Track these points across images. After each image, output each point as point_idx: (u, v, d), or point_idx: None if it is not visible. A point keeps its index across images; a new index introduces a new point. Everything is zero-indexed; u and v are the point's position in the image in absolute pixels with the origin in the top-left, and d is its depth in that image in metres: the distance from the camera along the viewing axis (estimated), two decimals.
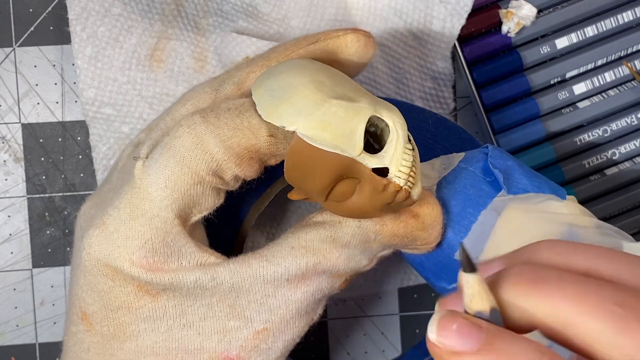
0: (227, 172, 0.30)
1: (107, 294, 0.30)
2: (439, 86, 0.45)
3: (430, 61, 0.45)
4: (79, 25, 0.43)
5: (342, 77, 0.30)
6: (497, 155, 0.34)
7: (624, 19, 0.45)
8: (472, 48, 0.45)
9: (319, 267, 0.30)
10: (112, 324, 0.30)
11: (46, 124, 0.45)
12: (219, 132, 0.29)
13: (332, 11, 0.44)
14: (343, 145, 0.28)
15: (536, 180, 0.34)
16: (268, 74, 0.30)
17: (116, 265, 0.29)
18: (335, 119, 0.28)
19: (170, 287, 0.29)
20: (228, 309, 0.30)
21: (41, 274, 0.45)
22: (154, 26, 0.43)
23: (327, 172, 0.28)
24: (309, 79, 0.29)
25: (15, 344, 0.46)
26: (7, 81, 0.45)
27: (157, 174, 0.29)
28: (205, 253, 0.30)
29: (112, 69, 0.43)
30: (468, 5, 0.44)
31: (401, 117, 0.29)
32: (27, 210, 0.45)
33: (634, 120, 0.45)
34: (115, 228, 0.29)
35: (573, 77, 0.46)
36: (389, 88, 0.45)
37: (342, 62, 0.32)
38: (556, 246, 0.22)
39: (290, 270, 0.30)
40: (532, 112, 0.45)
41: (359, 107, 0.28)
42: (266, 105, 0.29)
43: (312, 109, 0.28)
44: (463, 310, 0.21)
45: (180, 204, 0.29)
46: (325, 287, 0.31)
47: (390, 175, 0.28)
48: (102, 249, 0.29)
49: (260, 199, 0.36)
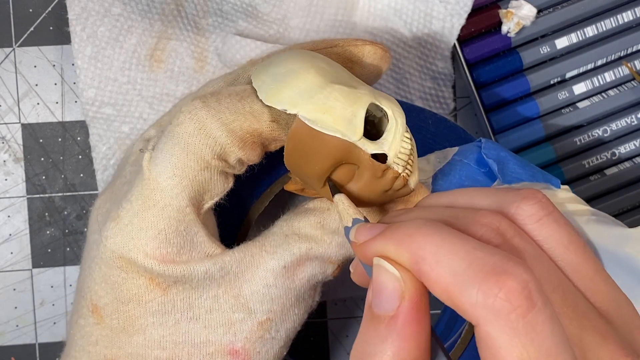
0: (231, 156, 0.30)
1: (119, 286, 0.30)
2: (439, 86, 0.45)
3: (430, 61, 0.45)
4: (79, 25, 0.43)
5: (342, 68, 0.31)
6: (490, 147, 0.35)
7: (623, 19, 0.45)
8: (472, 48, 0.45)
9: (311, 252, 0.31)
10: (122, 317, 0.30)
11: (46, 124, 0.45)
12: (220, 116, 0.29)
13: (331, 11, 0.44)
14: (344, 128, 0.28)
15: (530, 169, 0.35)
16: (269, 61, 0.30)
17: (130, 256, 0.30)
18: (336, 103, 0.28)
19: (181, 280, 0.30)
20: (233, 301, 0.30)
21: (41, 274, 0.45)
22: (154, 26, 0.43)
23: (327, 155, 0.28)
24: (310, 64, 0.29)
25: (15, 344, 0.45)
26: (7, 81, 0.45)
27: (164, 162, 0.29)
28: (213, 244, 0.31)
29: (112, 69, 0.43)
30: (468, 5, 0.44)
31: (399, 107, 0.29)
32: (27, 211, 0.45)
33: (634, 120, 0.45)
34: (129, 220, 0.30)
35: (573, 77, 0.46)
36: (388, 88, 0.45)
37: (354, 72, 0.33)
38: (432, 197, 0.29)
39: (285, 257, 0.31)
40: (532, 112, 0.45)
41: (359, 93, 0.29)
42: (267, 89, 0.29)
43: (313, 92, 0.28)
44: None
45: (190, 190, 0.30)
46: (319, 272, 0.31)
47: (389, 161, 0.29)
48: (117, 241, 0.30)
49: (260, 199, 0.36)
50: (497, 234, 0.24)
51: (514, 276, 0.21)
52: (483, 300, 0.21)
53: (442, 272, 0.22)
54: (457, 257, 0.22)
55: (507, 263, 0.22)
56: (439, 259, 0.23)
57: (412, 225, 0.24)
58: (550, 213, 0.26)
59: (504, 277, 0.21)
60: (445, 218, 0.25)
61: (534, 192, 0.26)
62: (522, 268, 0.22)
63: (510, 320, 0.21)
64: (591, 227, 0.33)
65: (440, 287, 0.23)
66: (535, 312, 0.21)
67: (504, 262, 0.22)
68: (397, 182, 0.29)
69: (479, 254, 0.22)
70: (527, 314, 0.21)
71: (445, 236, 0.23)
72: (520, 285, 0.21)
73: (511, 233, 0.25)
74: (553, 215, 0.26)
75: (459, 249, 0.22)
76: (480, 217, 0.25)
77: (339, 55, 0.32)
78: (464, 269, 0.22)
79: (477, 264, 0.22)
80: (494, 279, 0.21)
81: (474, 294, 0.22)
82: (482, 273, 0.22)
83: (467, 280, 0.22)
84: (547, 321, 0.21)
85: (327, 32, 0.44)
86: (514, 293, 0.21)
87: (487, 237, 0.24)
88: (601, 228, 0.33)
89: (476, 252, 0.22)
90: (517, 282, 0.21)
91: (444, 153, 0.35)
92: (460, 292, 0.22)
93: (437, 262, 0.22)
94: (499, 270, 0.21)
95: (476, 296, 0.22)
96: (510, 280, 0.21)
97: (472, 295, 0.22)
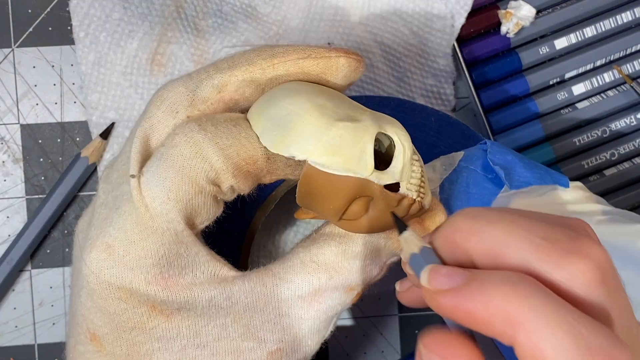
0: (225, 182, 0.29)
1: (119, 317, 0.29)
2: (440, 83, 0.45)
3: (431, 59, 0.45)
4: (82, 32, 0.44)
5: (339, 97, 0.30)
6: (496, 151, 0.34)
7: (622, 20, 0.45)
8: (471, 48, 0.45)
9: (331, 282, 0.30)
10: (126, 344, 0.29)
11: (45, 125, 0.45)
12: (217, 141, 0.28)
13: (331, 12, 0.44)
14: (355, 167, 0.28)
15: (537, 171, 0.34)
16: (266, 102, 0.30)
17: (131, 287, 0.29)
18: (343, 142, 0.28)
19: (185, 306, 0.29)
20: (242, 330, 0.29)
21: (40, 275, 0.45)
22: (154, 29, 0.44)
23: (342, 195, 0.28)
24: (310, 105, 0.28)
25: (14, 345, 0.45)
26: (6, 82, 0.45)
27: (158, 186, 0.28)
28: (218, 262, 0.30)
29: (115, 73, 0.44)
30: (468, 4, 0.44)
31: (403, 129, 0.29)
32: (26, 211, 0.45)
33: (633, 121, 0.45)
34: (125, 251, 0.29)
35: (572, 78, 0.46)
36: (390, 87, 0.45)
37: (329, 85, 0.31)
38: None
39: (302, 287, 0.29)
40: (531, 113, 0.45)
41: (364, 126, 0.28)
42: (271, 136, 0.28)
43: (319, 136, 0.28)
44: None
45: (184, 214, 0.29)
46: (338, 304, 0.30)
47: (402, 189, 0.29)
48: (113, 273, 0.29)
49: (265, 202, 0.36)
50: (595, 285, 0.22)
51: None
52: None
53: (544, 348, 0.20)
54: (562, 332, 0.20)
55: (613, 349, 0.20)
56: (541, 331, 0.20)
57: (503, 278, 0.21)
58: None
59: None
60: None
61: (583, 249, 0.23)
62: (627, 353, 0.20)
63: None
64: (602, 228, 0.32)
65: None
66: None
67: (610, 346, 0.20)
68: (413, 207, 0.29)
69: (583, 332, 0.20)
70: None
71: (547, 301, 0.21)
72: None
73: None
74: None
75: (563, 321, 0.20)
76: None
77: (312, 68, 0.31)
78: (570, 352, 0.20)
79: (585, 349, 0.20)
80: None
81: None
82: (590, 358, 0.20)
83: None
84: None
85: (326, 32, 0.44)
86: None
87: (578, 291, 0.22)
88: (611, 227, 0.32)
89: (581, 329, 0.20)
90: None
91: (449, 159, 0.35)
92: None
93: (540, 337, 0.20)
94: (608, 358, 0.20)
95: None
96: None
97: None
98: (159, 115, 0.30)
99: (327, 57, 0.30)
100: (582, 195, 0.34)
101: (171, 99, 0.30)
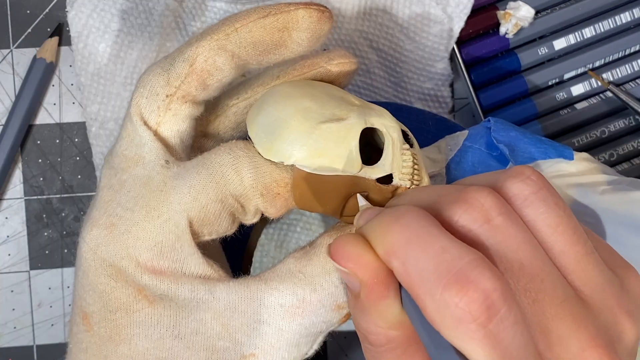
0: (250, 201, 0.30)
1: (107, 295, 0.30)
2: (438, 86, 0.45)
3: (428, 64, 0.45)
4: (81, 43, 0.44)
5: (328, 94, 0.30)
6: (499, 129, 0.34)
7: (621, 20, 0.45)
8: (470, 49, 0.45)
9: (316, 296, 0.29)
10: (109, 326, 0.30)
11: (44, 126, 0.45)
12: (255, 160, 0.29)
13: None
14: (342, 165, 0.28)
15: (541, 145, 0.34)
16: (257, 109, 0.30)
17: (121, 265, 0.29)
18: (328, 142, 0.28)
19: (167, 295, 0.29)
20: (220, 328, 0.29)
21: (39, 276, 0.45)
22: (153, 40, 0.44)
23: (335, 194, 0.29)
24: (294, 109, 0.29)
25: (12, 346, 0.45)
26: (4, 83, 0.45)
27: (185, 180, 0.29)
28: (210, 268, 0.30)
29: (115, 84, 0.44)
30: (468, 8, 0.44)
31: (392, 119, 0.30)
32: (25, 212, 0.45)
33: (632, 122, 0.45)
34: (126, 229, 0.29)
35: (571, 78, 0.46)
36: (387, 92, 0.45)
37: (293, 38, 0.31)
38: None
39: (286, 296, 0.29)
40: (530, 113, 0.45)
41: (348, 124, 0.29)
42: (262, 143, 0.29)
43: (304, 140, 0.28)
44: None
45: (195, 214, 0.29)
46: (323, 322, 0.29)
47: (395, 180, 0.29)
48: (109, 249, 0.29)
49: None
50: (477, 215, 0.24)
51: (477, 286, 0.22)
52: (444, 306, 0.22)
53: (408, 270, 0.23)
54: (425, 256, 0.23)
55: (472, 270, 0.22)
56: (407, 255, 0.23)
57: (394, 214, 0.24)
58: (537, 191, 0.25)
59: (467, 286, 0.22)
60: (433, 198, 0.26)
61: (522, 169, 0.26)
62: (488, 274, 0.22)
63: (471, 329, 0.22)
64: (606, 198, 0.32)
65: (406, 284, 0.23)
66: (497, 320, 0.22)
67: (469, 268, 0.22)
68: None
69: (447, 256, 0.23)
70: (487, 323, 0.22)
71: (419, 230, 0.24)
72: (482, 295, 0.22)
73: (496, 212, 0.24)
74: (541, 193, 0.25)
75: (429, 247, 0.23)
76: (466, 194, 0.25)
77: (274, 25, 0.31)
78: (430, 271, 0.23)
79: (443, 268, 0.22)
80: (456, 287, 0.22)
81: (436, 299, 0.22)
82: (445, 279, 0.22)
83: (431, 283, 0.22)
84: (509, 327, 0.22)
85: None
86: (475, 303, 0.22)
87: (464, 223, 0.24)
88: (616, 196, 0.32)
89: (444, 254, 0.23)
90: (478, 293, 0.22)
91: (454, 138, 0.35)
92: (424, 294, 0.23)
93: (406, 260, 0.23)
94: (462, 279, 0.22)
95: (438, 302, 0.22)
96: (472, 291, 0.22)
97: (434, 300, 0.22)
98: (143, 102, 0.31)
99: (286, 11, 0.31)
100: (587, 166, 0.34)
101: (150, 82, 0.31)
